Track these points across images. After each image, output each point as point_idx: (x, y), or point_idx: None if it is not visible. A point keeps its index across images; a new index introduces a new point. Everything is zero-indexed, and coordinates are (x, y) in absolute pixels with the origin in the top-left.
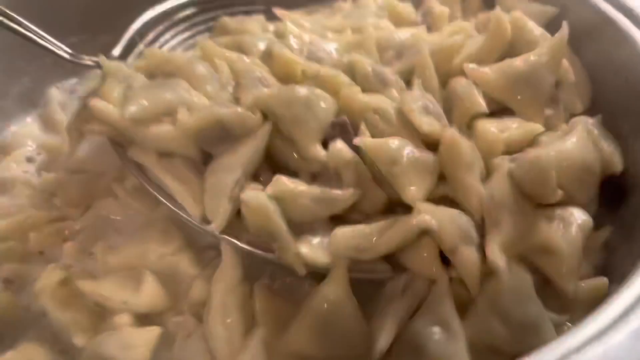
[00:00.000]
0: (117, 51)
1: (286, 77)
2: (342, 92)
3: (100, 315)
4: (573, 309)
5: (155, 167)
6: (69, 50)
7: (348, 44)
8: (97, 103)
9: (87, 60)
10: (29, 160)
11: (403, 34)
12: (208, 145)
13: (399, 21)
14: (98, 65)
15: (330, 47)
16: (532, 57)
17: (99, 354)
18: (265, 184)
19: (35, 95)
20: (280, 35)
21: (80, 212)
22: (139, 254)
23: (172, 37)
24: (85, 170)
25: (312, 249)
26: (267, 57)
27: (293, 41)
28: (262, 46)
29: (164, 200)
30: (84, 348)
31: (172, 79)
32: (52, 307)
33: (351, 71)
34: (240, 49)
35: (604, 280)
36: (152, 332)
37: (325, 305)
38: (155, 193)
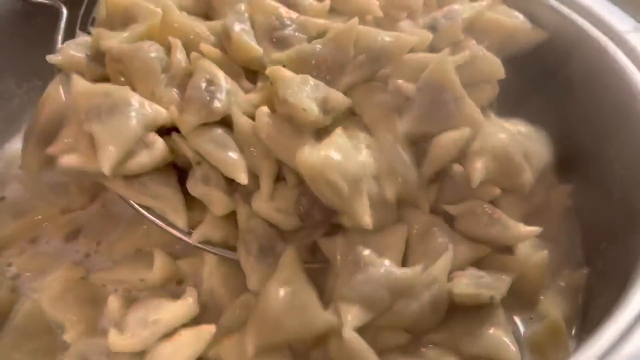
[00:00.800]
0: None
1: (243, 63)
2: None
3: (95, 308)
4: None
5: (124, 192)
6: None
7: (325, 32)
8: (69, 160)
9: None
10: None
11: (387, 37)
12: None
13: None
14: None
15: (303, 28)
16: None
17: (84, 353)
18: None
19: (25, 117)
20: None
21: (88, 201)
22: (142, 235)
23: None
24: None
25: None
26: (226, 38)
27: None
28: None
29: (140, 210)
30: (71, 345)
31: (119, 91)
32: (47, 303)
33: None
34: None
35: (557, 320)
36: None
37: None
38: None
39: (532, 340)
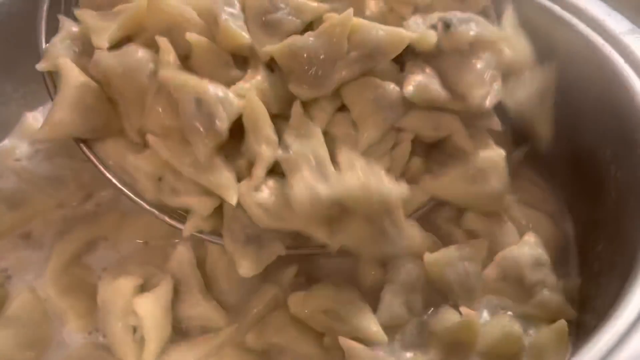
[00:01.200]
0: None
1: (232, 50)
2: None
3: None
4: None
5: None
6: None
7: (320, 16)
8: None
9: None
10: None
11: (383, 31)
12: None
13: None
14: None
15: (297, 12)
16: None
17: (78, 346)
18: None
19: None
20: None
21: (84, 197)
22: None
23: None
24: None
25: None
26: (213, 23)
27: None
28: None
29: (127, 192)
30: (71, 338)
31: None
32: (54, 292)
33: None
34: None
35: (563, 324)
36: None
37: None
38: (116, 183)
39: (532, 345)
